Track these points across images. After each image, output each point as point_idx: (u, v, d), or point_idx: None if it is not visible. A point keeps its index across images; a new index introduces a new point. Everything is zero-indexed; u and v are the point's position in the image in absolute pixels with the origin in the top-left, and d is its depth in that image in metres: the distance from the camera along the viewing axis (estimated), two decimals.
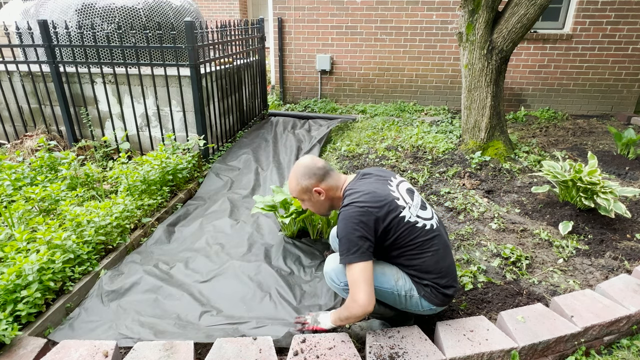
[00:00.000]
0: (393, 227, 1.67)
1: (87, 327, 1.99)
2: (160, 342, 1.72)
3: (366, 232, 1.62)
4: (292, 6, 6.24)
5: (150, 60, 3.60)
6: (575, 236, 2.76)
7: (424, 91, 6.45)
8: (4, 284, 1.85)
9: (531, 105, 6.29)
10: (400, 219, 1.68)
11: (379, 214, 1.64)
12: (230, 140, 4.62)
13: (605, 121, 5.78)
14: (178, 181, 3.44)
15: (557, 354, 1.80)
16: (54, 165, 3.29)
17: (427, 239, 1.72)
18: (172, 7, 4.35)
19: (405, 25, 6.09)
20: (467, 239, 2.78)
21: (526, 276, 2.37)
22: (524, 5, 3.57)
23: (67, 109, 3.92)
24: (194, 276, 2.37)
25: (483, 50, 3.83)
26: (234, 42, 4.48)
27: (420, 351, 1.67)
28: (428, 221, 1.76)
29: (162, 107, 3.91)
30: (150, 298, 2.17)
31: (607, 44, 5.77)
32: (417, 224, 1.71)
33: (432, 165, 4.02)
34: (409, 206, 1.73)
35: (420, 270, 1.74)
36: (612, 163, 4.07)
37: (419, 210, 1.76)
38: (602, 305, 1.93)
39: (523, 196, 3.38)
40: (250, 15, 12.15)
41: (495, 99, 3.98)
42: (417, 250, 1.72)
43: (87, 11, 4.00)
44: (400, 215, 1.68)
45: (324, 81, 6.64)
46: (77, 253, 2.26)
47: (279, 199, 2.56)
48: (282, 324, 1.96)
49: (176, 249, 2.69)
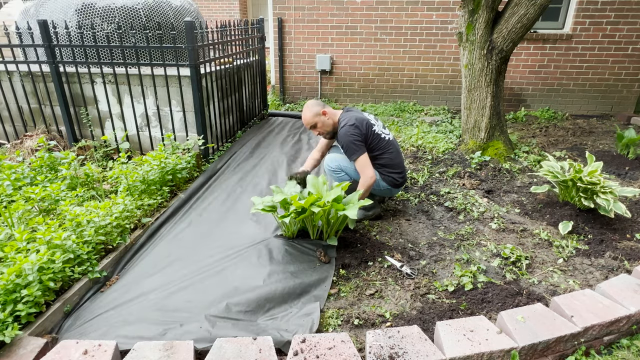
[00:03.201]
0: (370, 135, 2.79)
1: (87, 326, 1.99)
2: (160, 342, 1.72)
3: (359, 137, 2.70)
4: (292, 6, 6.24)
5: (150, 60, 3.60)
6: (575, 236, 2.76)
7: (424, 91, 6.44)
8: (4, 284, 1.85)
9: (531, 105, 6.29)
10: (373, 131, 2.82)
11: (362, 127, 2.74)
12: (230, 140, 4.61)
13: (605, 121, 5.78)
14: (178, 181, 3.44)
15: (557, 354, 1.80)
16: (54, 165, 3.28)
17: (386, 144, 2.87)
18: (172, 7, 4.35)
19: (405, 25, 6.09)
20: (467, 239, 2.78)
21: (526, 276, 2.37)
22: (524, 5, 3.57)
23: (67, 109, 3.92)
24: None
25: (483, 50, 3.83)
26: (234, 42, 4.48)
27: (420, 351, 1.67)
28: (387, 135, 2.93)
29: (162, 107, 3.91)
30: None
31: (607, 44, 5.78)
32: (382, 135, 2.87)
33: (432, 165, 4.02)
34: (377, 125, 2.90)
35: (382, 165, 2.87)
36: (612, 163, 4.07)
37: (382, 129, 2.92)
38: (602, 305, 1.93)
39: (523, 196, 3.38)
40: (250, 15, 12.15)
41: (495, 99, 3.98)
42: (382, 151, 2.85)
43: (87, 11, 4.00)
44: (373, 129, 2.82)
45: (324, 81, 6.64)
46: (77, 253, 2.26)
47: (278, 199, 2.56)
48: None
49: (176, 248, 2.69)
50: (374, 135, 2.81)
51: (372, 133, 2.80)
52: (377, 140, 2.83)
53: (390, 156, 2.88)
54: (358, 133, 2.70)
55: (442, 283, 2.30)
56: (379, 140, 2.84)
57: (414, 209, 3.20)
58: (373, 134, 2.81)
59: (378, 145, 2.84)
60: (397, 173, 2.92)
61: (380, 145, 2.85)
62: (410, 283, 2.33)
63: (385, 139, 2.88)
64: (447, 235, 2.83)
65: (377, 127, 2.88)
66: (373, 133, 2.81)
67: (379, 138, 2.84)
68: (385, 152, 2.86)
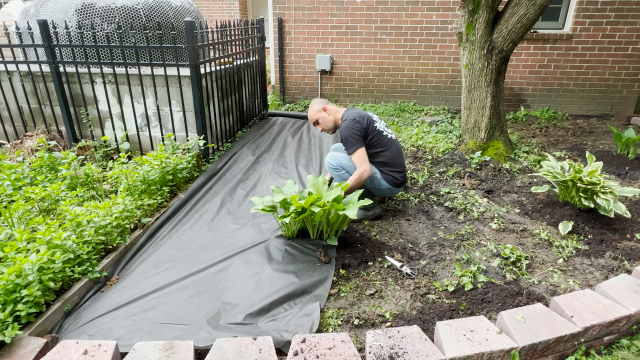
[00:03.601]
0: (371, 131, 2.86)
1: (88, 326, 1.99)
2: (160, 342, 1.72)
3: (359, 131, 2.79)
4: (292, 6, 6.24)
5: (150, 60, 3.60)
6: (575, 236, 2.76)
7: (424, 91, 6.44)
8: (4, 284, 1.85)
9: (531, 105, 6.29)
10: (374, 127, 2.89)
11: (363, 122, 2.83)
12: (230, 140, 4.61)
13: (605, 121, 5.78)
14: (178, 181, 3.44)
15: (557, 354, 1.80)
16: (54, 165, 3.28)
17: (388, 142, 2.93)
18: (172, 7, 4.35)
19: (405, 25, 6.09)
20: (467, 239, 2.78)
21: (526, 276, 2.37)
22: (524, 5, 3.57)
23: (67, 109, 3.92)
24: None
25: (483, 50, 3.83)
26: (234, 42, 4.48)
27: (420, 351, 1.67)
28: (390, 134, 3.00)
29: (162, 107, 3.91)
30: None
31: (607, 44, 5.77)
32: (384, 133, 2.93)
33: (432, 165, 4.02)
34: (379, 122, 2.99)
35: (382, 163, 2.92)
36: (612, 163, 4.07)
37: (384, 127, 2.99)
38: (602, 305, 1.93)
39: (523, 196, 3.38)
40: (250, 15, 12.14)
41: (495, 99, 3.98)
42: (382, 148, 2.90)
43: (87, 11, 4.00)
44: (374, 125, 2.90)
45: (324, 81, 6.64)
46: (77, 253, 2.26)
47: (278, 199, 2.56)
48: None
49: (176, 247, 2.69)
50: (375, 132, 2.88)
51: (374, 129, 2.88)
52: (379, 137, 2.89)
53: (392, 154, 2.93)
54: (359, 127, 2.79)
55: (442, 283, 2.30)
56: (380, 137, 2.90)
57: (414, 209, 3.20)
58: (374, 130, 2.88)
59: (380, 141, 2.89)
60: (398, 172, 2.95)
61: (382, 142, 2.90)
62: (410, 283, 2.33)
63: (387, 136, 2.95)
64: (447, 235, 2.83)
65: (380, 125, 2.95)
66: (374, 129, 2.88)
67: (381, 135, 2.90)
68: (386, 149, 2.91)
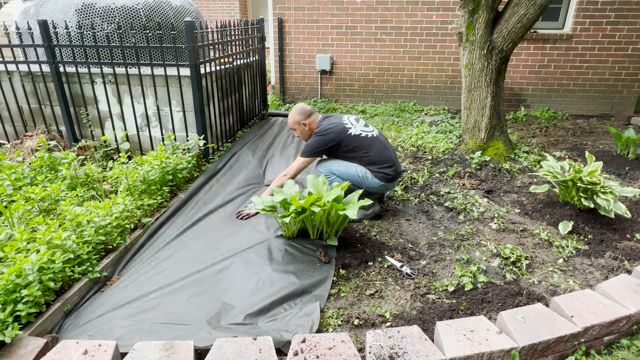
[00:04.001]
0: (344, 140, 2.90)
1: (88, 326, 1.99)
2: (160, 342, 1.72)
3: (320, 147, 2.92)
4: (292, 6, 6.24)
5: (150, 60, 3.60)
6: (575, 236, 2.76)
7: (424, 91, 6.45)
8: (4, 284, 1.85)
9: (531, 105, 6.29)
10: (349, 135, 2.91)
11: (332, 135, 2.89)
12: (231, 140, 4.61)
13: (605, 121, 5.78)
14: (178, 181, 3.44)
15: (557, 354, 1.80)
16: (54, 165, 3.28)
17: (369, 142, 2.92)
18: (172, 7, 4.35)
19: (405, 25, 6.09)
20: (467, 239, 2.78)
21: (526, 276, 2.37)
22: (524, 5, 3.57)
23: (67, 109, 3.92)
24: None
25: (483, 50, 3.83)
26: (234, 42, 4.48)
27: (420, 351, 1.67)
28: (370, 132, 2.97)
29: (162, 107, 3.91)
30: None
31: (607, 44, 5.78)
32: (361, 135, 2.93)
33: (432, 165, 4.02)
34: (354, 127, 2.95)
35: (370, 163, 2.92)
36: (612, 163, 4.07)
37: (362, 127, 2.98)
38: (602, 305, 1.93)
39: (523, 196, 3.38)
40: (250, 15, 12.14)
41: (495, 99, 3.98)
42: (364, 149, 2.91)
43: (87, 11, 4.00)
44: (347, 133, 2.91)
45: (324, 81, 6.64)
46: (77, 253, 2.26)
47: (278, 199, 2.56)
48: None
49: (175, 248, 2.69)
50: (349, 138, 2.90)
51: (348, 137, 2.90)
52: (357, 141, 2.91)
53: (377, 151, 2.92)
54: (323, 142, 2.91)
55: (442, 283, 2.31)
56: (358, 140, 2.91)
57: (414, 209, 3.20)
58: (349, 138, 2.90)
59: (360, 144, 2.91)
60: (388, 167, 2.93)
61: (363, 144, 2.91)
62: (410, 283, 2.33)
63: (368, 136, 2.94)
64: (447, 235, 2.83)
65: (355, 129, 2.94)
66: (349, 137, 2.90)
67: (358, 138, 2.91)
68: (369, 149, 2.91)
